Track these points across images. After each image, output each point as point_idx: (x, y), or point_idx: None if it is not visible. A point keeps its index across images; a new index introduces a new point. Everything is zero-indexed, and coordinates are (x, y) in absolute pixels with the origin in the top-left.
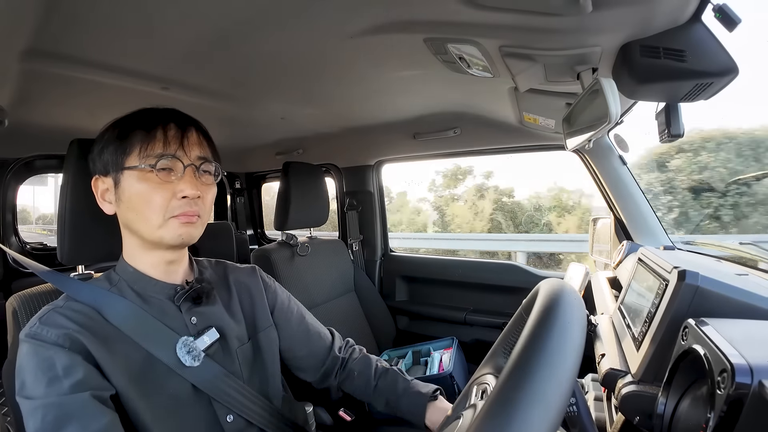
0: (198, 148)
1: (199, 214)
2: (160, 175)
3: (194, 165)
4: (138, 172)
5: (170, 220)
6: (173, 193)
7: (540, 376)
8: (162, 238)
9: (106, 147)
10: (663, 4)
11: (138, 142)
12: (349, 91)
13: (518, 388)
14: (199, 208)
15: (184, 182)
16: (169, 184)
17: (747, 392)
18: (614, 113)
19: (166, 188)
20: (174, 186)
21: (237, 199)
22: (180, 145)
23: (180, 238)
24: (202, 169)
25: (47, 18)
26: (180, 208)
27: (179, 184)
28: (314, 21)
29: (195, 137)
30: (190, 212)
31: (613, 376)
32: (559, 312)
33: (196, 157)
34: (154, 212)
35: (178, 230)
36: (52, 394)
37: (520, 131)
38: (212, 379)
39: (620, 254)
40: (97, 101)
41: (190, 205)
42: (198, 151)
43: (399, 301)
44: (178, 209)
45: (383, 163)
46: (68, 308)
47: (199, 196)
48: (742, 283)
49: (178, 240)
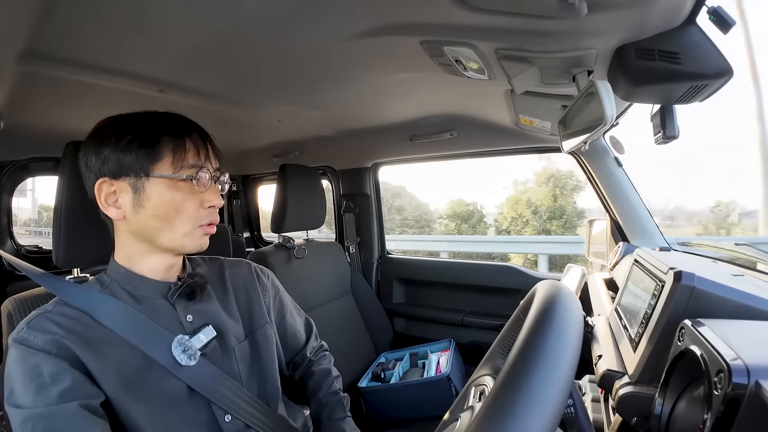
0: (215, 159)
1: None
2: (195, 185)
3: (216, 177)
4: (169, 180)
5: (196, 230)
6: (201, 202)
7: (537, 378)
8: (184, 246)
9: (125, 150)
10: (658, 7)
11: (169, 150)
12: (346, 94)
13: (515, 390)
14: (217, 217)
15: (211, 193)
16: (199, 193)
17: (744, 392)
18: (609, 115)
19: (196, 197)
20: (202, 196)
21: (233, 201)
22: (207, 157)
23: (200, 247)
24: (220, 180)
25: (43, 20)
26: (207, 217)
27: (206, 194)
28: (311, 24)
29: (214, 148)
30: (215, 221)
31: (610, 377)
32: (555, 314)
33: (215, 168)
34: (183, 221)
35: (200, 240)
36: (41, 404)
37: (516, 133)
38: (208, 380)
39: (616, 255)
40: (93, 103)
41: (215, 215)
42: (216, 163)
43: (396, 303)
44: (206, 218)
45: (380, 165)
46: (57, 313)
47: (222, 204)
48: (737, 284)
49: (198, 249)
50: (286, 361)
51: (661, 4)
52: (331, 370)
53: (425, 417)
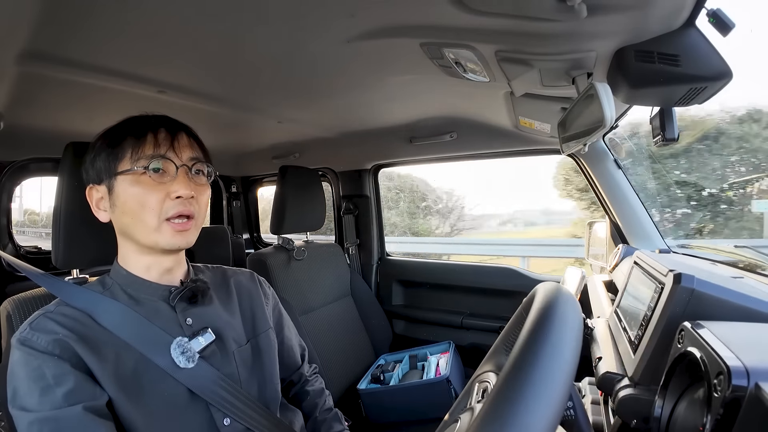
0: (189, 149)
1: (193, 215)
2: (153, 176)
3: (186, 166)
4: (131, 175)
5: (164, 225)
6: (167, 194)
7: (536, 381)
8: (157, 243)
9: (98, 155)
10: (657, 10)
11: (129, 147)
12: (346, 96)
13: (514, 393)
14: (193, 209)
15: (177, 183)
16: (163, 185)
17: (743, 395)
18: (609, 117)
19: (160, 189)
20: (167, 187)
21: (233, 203)
22: (171, 147)
23: (175, 244)
24: (195, 169)
25: (44, 21)
26: (174, 208)
27: (173, 185)
28: (311, 26)
29: (185, 140)
30: (184, 212)
31: (610, 379)
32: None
33: (188, 158)
34: (148, 214)
35: (172, 238)
36: (46, 407)
37: (515, 135)
38: (207, 381)
39: (616, 258)
40: (93, 104)
41: (184, 204)
42: (189, 153)
43: (396, 305)
44: (172, 210)
45: (380, 167)
46: (59, 313)
47: (193, 196)
48: (737, 286)
49: (173, 246)
50: (281, 377)
51: (660, 7)
52: (324, 389)
53: (424, 419)
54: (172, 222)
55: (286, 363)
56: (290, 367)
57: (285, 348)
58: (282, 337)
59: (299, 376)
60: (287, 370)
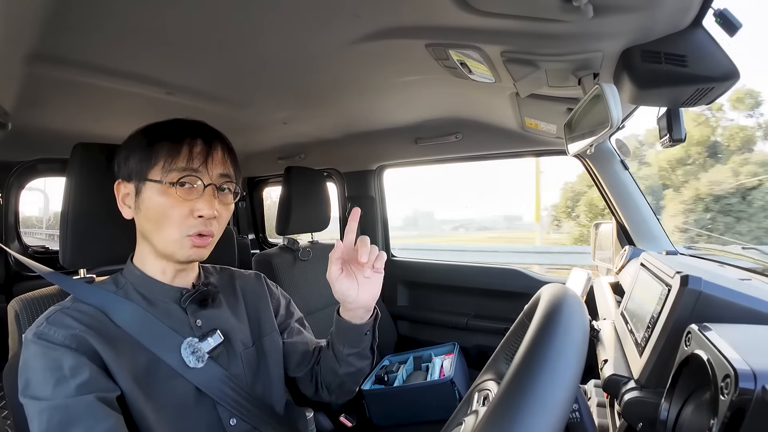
0: (221, 166)
1: (213, 235)
2: (179, 191)
3: (215, 185)
4: (159, 185)
5: (185, 239)
6: (191, 210)
7: (542, 383)
8: (173, 254)
9: (133, 154)
10: (664, 10)
11: (163, 155)
12: (351, 96)
13: (520, 394)
14: (213, 228)
15: (202, 201)
16: (188, 202)
17: (750, 398)
18: (615, 118)
19: (185, 206)
20: (192, 204)
21: (239, 203)
22: (204, 163)
23: (191, 257)
24: (222, 187)
25: (52, 22)
26: (196, 227)
27: (197, 203)
28: (317, 27)
29: (220, 155)
30: (204, 231)
31: (616, 382)
32: (561, 317)
33: (218, 176)
34: (170, 228)
35: (189, 251)
36: (59, 396)
37: (521, 136)
38: (215, 381)
39: (622, 259)
40: (101, 105)
41: (205, 225)
42: (221, 169)
43: (400, 306)
44: (194, 228)
45: (385, 168)
46: (75, 309)
47: (215, 216)
48: (745, 288)
49: (187, 259)
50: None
51: (667, 7)
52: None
53: (428, 420)
54: (192, 238)
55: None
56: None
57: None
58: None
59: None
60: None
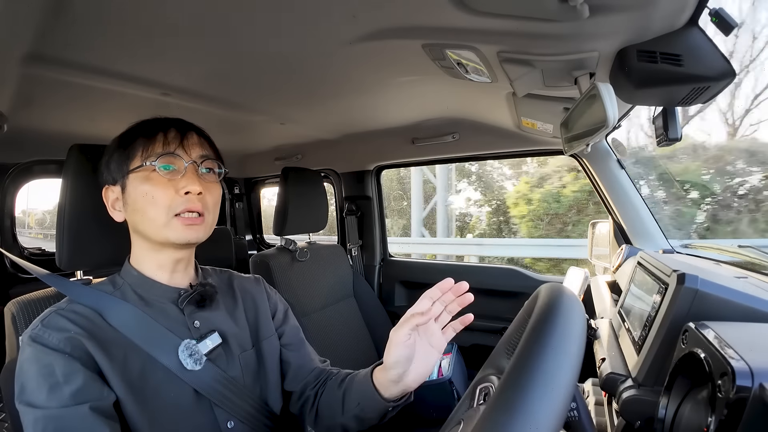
0: (199, 147)
1: (201, 212)
2: (162, 173)
3: (196, 163)
4: (141, 172)
5: (174, 220)
6: (176, 190)
7: (540, 382)
8: (167, 238)
9: (112, 157)
10: (659, 9)
11: (140, 148)
12: (348, 97)
13: (519, 393)
14: (202, 205)
15: (186, 179)
16: (172, 182)
17: (748, 395)
18: (612, 117)
19: (169, 186)
20: (176, 183)
21: (236, 204)
22: (180, 145)
23: (185, 238)
24: (205, 166)
25: (48, 23)
26: (183, 204)
27: (181, 181)
28: (313, 27)
29: (195, 138)
30: (193, 208)
31: (614, 380)
32: (558, 316)
33: (198, 156)
34: (158, 210)
35: (182, 232)
36: (54, 404)
37: (518, 136)
38: (213, 383)
39: (619, 258)
40: (97, 106)
41: (192, 201)
42: (199, 151)
43: (398, 306)
44: (181, 206)
45: (382, 168)
46: (70, 310)
47: (201, 192)
48: (741, 286)
49: (183, 240)
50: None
51: (663, 7)
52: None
53: (427, 420)
54: (181, 217)
55: (305, 363)
56: (309, 364)
57: (306, 348)
58: (301, 337)
59: (316, 373)
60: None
